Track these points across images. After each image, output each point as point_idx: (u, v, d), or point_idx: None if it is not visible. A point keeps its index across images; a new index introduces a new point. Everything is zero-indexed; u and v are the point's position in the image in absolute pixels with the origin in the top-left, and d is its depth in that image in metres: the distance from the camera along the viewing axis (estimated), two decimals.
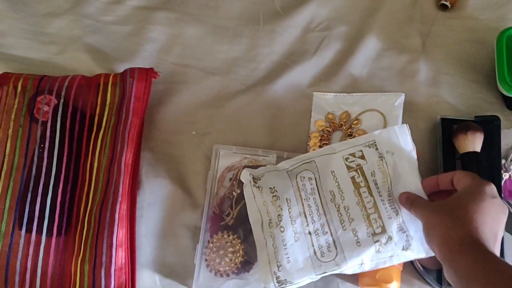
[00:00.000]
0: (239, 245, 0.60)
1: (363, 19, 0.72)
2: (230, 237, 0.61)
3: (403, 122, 0.64)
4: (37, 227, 0.59)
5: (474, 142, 0.61)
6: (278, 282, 0.53)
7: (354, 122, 0.66)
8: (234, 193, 0.63)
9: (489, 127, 0.63)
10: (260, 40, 0.72)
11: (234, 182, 0.64)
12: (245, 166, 0.64)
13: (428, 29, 0.71)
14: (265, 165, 0.63)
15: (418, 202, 0.51)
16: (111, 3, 0.74)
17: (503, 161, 0.63)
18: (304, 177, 0.57)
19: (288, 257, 0.53)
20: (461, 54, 0.70)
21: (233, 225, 0.61)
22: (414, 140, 0.56)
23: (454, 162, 0.63)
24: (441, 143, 0.63)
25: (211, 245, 0.61)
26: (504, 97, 0.66)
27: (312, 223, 0.55)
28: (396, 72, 0.69)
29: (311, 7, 0.73)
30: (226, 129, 0.68)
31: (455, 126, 0.63)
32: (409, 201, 0.52)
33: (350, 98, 0.68)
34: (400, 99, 0.66)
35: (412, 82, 0.68)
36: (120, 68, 0.68)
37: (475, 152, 0.60)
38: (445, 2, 0.71)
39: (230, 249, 0.60)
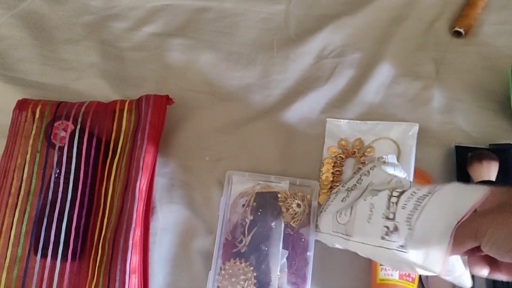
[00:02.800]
0: (251, 272, 0.60)
1: (376, 46, 0.73)
2: (242, 265, 0.61)
3: (417, 150, 0.64)
4: (52, 252, 0.60)
5: (489, 171, 0.60)
6: (316, 226, 0.60)
7: (368, 150, 0.66)
8: (246, 220, 0.63)
9: (504, 155, 0.62)
10: (273, 67, 0.73)
11: (247, 208, 0.64)
12: (257, 193, 0.65)
13: (441, 56, 0.71)
14: (278, 192, 0.63)
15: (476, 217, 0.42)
16: (127, 30, 0.76)
17: None
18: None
19: (328, 206, 0.57)
20: (475, 81, 0.69)
21: (246, 252, 0.61)
22: (428, 167, 0.55)
23: None
24: (456, 171, 0.63)
25: (223, 272, 0.61)
26: None
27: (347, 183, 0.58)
28: (410, 99, 0.69)
29: (325, 34, 0.73)
30: (239, 155, 0.68)
31: (470, 154, 0.63)
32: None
33: (364, 125, 0.68)
34: (414, 129, 0.66)
35: (425, 109, 0.68)
36: (136, 93, 0.70)
37: (490, 181, 0.60)
38: (459, 29, 0.71)
39: (242, 277, 0.60)
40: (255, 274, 0.60)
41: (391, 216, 0.48)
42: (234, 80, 0.72)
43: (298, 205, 0.64)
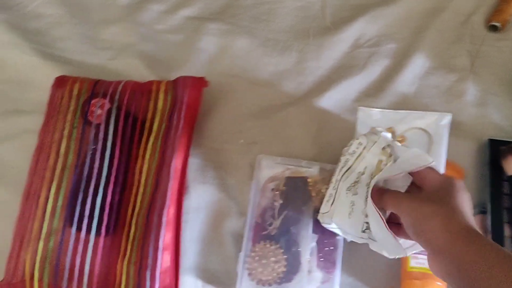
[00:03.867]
0: (281, 255, 0.61)
1: (412, 37, 0.73)
2: (273, 247, 0.61)
3: (449, 142, 0.63)
4: (87, 226, 0.61)
5: None
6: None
7: (399, 139, 0.66)
8: (276, 204, 0.64)
9: None
10: (308, 54, 0.73)
11: (276, 192, 0.65)
12: (287, 177, 0.65)
13: (477, 49, 0.71)
14: (308, 177, 0.64)
15: (397, 193, 0.51)
16: (164, 13, 0.77)
17: None
18: (357, 139, 0.59)
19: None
20: (510, 76, 0.69)
21: (276, 235, 0.62)
22: (460, 160, 0.57)
23: (501, 183, 0.62)
24: (488, 164, 0.63)
25: (253, 254, 0.61)
26: None
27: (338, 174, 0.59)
28: (444, 91, 0.69)
29: (361, 23, 0.74)
30: (272, 140, 0.68)
31: (503, 148, 0.63)
32: (381, 192, 0.52)
33: (396, 114, 0.68)
34: (447, 119, 0.65)
35: (459, 101, 0.68)
36: (171, 75, 0.70)
37: None
38: (495, 23, 0.71)
39: (272, 259, 0.61)
40: (285, 256, 0.61)
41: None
42: (270, 66, 0.73)
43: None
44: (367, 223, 0.52)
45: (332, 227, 0.57)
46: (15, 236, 0.62)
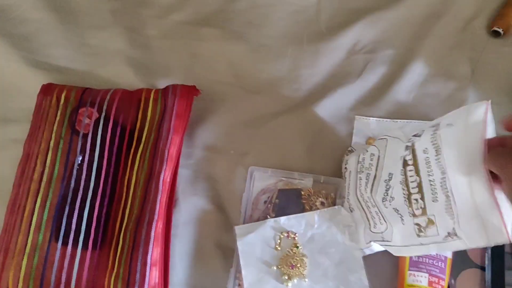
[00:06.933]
0: None
1: (411, 43, 0.70)
2: None
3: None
4: (73, 240, 0.59)
5: None
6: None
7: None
8: (268, 217, 0.62)
9: None
10: (303, 61, 0.71)
11: (269, 205, 0.63)
12: (280, 190, 0.63)
13: (478, 56, 0.69)
14: (301, 189, 0.62)
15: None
16: (155, 17, 0.75)
17: None
18: (367, 151, 0.55)
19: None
20: None
21: None
22: None
23: None
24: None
25: None
26: None
27: (361, 196, 0.55)
28: (443, 99, 0.67)
29: (357, 28, 0.71)
30: (264, 150, 0.66)
31: None
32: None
33: (394, 124, 0.66)
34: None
35: None
36: (161, 83, 0.68)
37: None
38: (497, 29, 0.69)
39: None
40: None
41: (417, 212, 0.48)
42: (263, 73, 0.71)
43: (322, 203, 0.63)
44: (417, 224, 0.48)
45: (386, 244, 0.53)
46: None
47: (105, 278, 0.58)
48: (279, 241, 0.59)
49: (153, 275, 0.57)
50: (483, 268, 0.59)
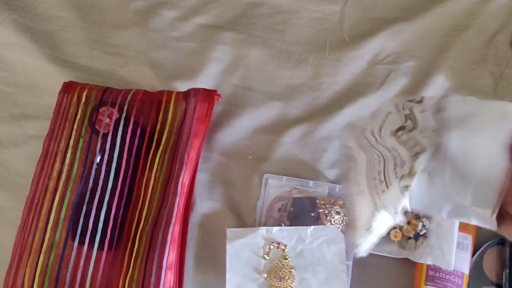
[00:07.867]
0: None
1: (433, 55, 0.70)
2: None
3: None
4: (89, 239, 0.60)
5: None
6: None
7: None
8: (283, 225, 0.62)
9: None
10: (324, 69, 0.70)
11: (283, 213, 0.63)
12: (295, 198, 0.63)
13: (501, 71, 0.68)
14: (316, 197, 0.62)
15: None
16: (178, 19, 0.74)
17: None
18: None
19: None
20: None
21: None
22: None
23: None
24: None
25: None
26: None
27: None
28: None
29: (380, 39, 0.71)
30: (282, 157, 0.66)
31: None
32: None
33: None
34: None
35: None
36: (181, 85, 0.68)
37: None
38: None
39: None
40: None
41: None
42: (284, 79, 0.70)
43: (337, 212, 0.63)
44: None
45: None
46: (15, 248, 0.61)
47: (119, 279, 0.58)
48: (268, 250, 0.59)
49: (168, 278, 0.57)
50: (499, 286, 0.59)
